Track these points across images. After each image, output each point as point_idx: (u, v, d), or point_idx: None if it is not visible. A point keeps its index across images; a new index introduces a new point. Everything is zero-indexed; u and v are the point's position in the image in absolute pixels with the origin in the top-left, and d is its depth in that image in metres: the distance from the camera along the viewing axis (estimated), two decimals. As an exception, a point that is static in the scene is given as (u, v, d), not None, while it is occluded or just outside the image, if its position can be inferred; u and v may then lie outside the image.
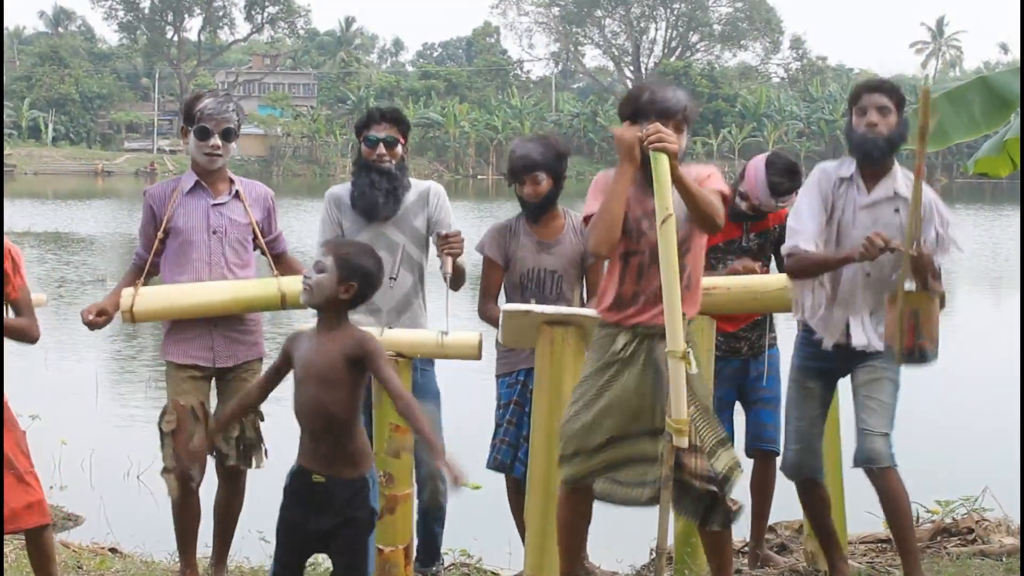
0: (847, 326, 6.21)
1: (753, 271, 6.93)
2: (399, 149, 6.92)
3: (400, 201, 6.90)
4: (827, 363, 6.31)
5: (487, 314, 7.00)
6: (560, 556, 6.05)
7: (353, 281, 5.19)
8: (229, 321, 6.65)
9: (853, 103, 6.20)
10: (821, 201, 6.23)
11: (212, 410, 6.63)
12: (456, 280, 6.85)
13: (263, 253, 6.93)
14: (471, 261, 6.97)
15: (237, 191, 6.77)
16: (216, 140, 6.65)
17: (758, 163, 7.12)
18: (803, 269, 6.25)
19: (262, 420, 6.66)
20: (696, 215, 5.57)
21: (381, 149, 6.87)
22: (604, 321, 5.81)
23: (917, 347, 5.85)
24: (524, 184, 6.92)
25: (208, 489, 6.77)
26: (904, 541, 6.18)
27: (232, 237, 6.71)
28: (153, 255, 6.75)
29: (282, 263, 6.99)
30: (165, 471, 6.63)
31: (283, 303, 6.63)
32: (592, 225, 5.70)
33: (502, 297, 7.08)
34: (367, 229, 6.86)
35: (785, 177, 7.05)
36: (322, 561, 7.15)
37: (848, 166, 6.23)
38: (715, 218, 5.58)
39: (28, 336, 5.92)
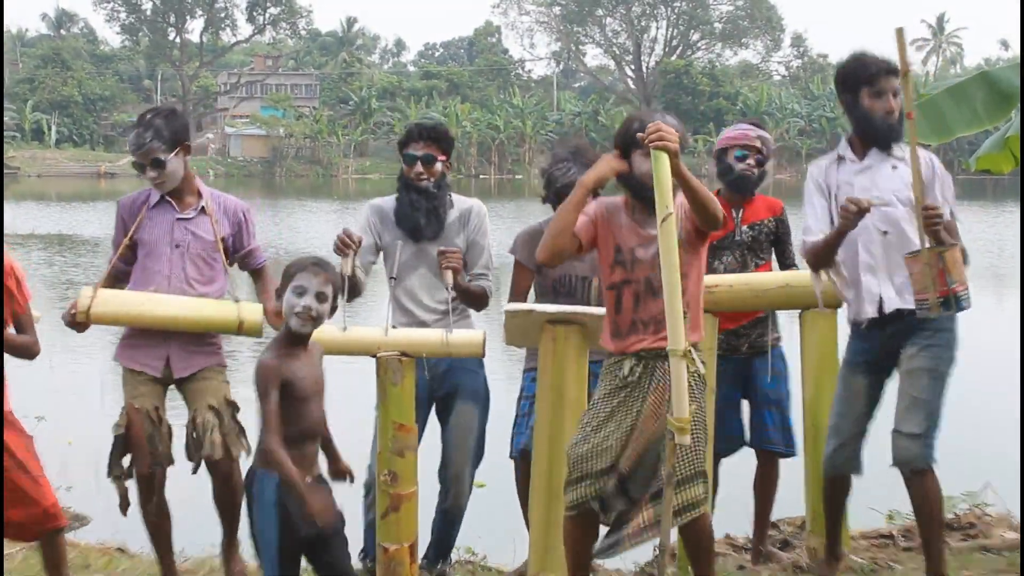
0: (880, 297, 6.17)
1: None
2: (438, 167, 6.93)
3: (442, 221, 6.92)
4: (871, 354, 6.23)
5: (509, 304, 7.03)
6: (570, 571, 6.06)
7: (336, 304, 5.36)
8: (184, 335, 6.59)
9: (867, 83, 6.16)
10: (819, 195, 6.26)
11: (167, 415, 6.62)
12: (476, 302, 6.93)
13: (240, 268, 6.90)
14: (504, 261, 7.02)
15: (203, 206, 6.71)
16: (150, 172, 6.59)
17: (718, 142, 7.27)
18: (816, 257, 6.27)
19: (237, 411, 6.63)
20: (698, 210, 5.59)
21: (419, 167, 6.89)
22: (610, 350, 5.83)
23: (952, 293, 5.85)
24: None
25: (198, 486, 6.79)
26: (929, 542, 6.15)
27: (194, 252, 6.65)
28: (124, 264, 6.75)
29: (260, 279, 6.94)
30: (115, 477, 6.62)
31: (239, 329, 6.54)
32: (544, 234, 5.81)
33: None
34: (410, 245, 6.89)
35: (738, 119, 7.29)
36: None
37: (838, 149, 6.24)
38: (717, 213, 5.61)
39: (30, 353, 5.98)
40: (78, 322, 6.54)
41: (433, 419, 7.04)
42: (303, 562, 5.32)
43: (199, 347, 6.62)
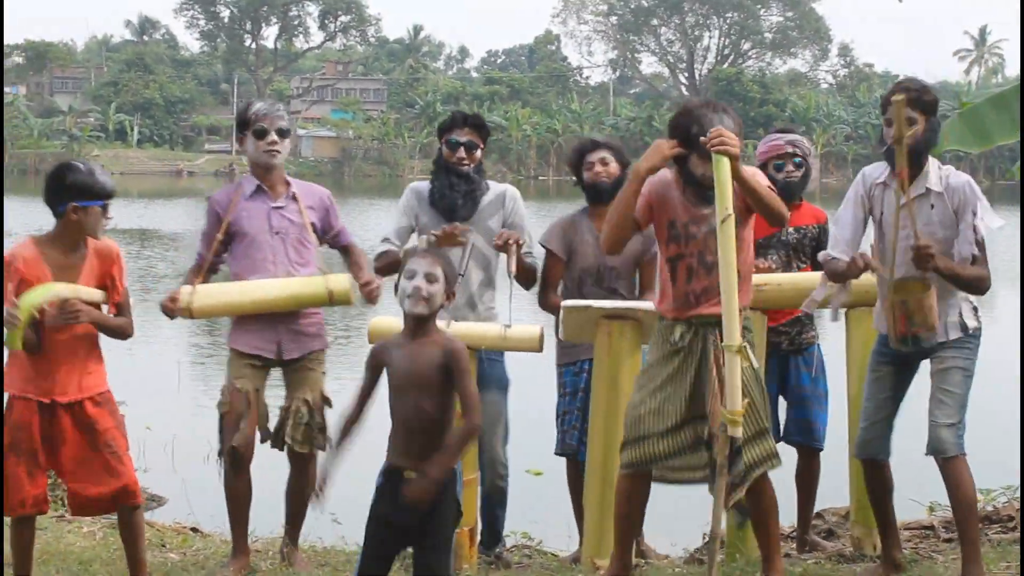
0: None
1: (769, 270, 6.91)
2: (478, 153, 7.00)
3: (477, 203, 6.96)
4: (897, 354, 6.20)
5: (547, 304, 7.04)
6: (615, 541, 6.05)
7: (454, 290, 5.17)
8: (291, 316, 6.66)
9: (883, 111, 6.14)
10: (858, 208, 6.23)
11: (266, 399, 6.71)
12: (528, 280, 6.94)
13: (331, 247, 6.95)
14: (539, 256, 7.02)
15: (294, 193, 6.80)
16: (273, 136, 6.72)
17: (757, 153, 7.19)
18: (830, 275, 6.28)
19: (330, 407, 6.68)
20: (763, 211, 5.61)
21: (461, 153, 6.94)
22: (663, 316, 5.83)
23: (911, 333, 5.94)
24: (592, 165, 6.98)
25: (271, 474, 6.80)
26: (964, 529, 6.12)
27: (292, 237, 6.73)
28: (218, 259, 6.83)
29: (350, 254, 6.98)
30: (219, 454, 6.70)
31: (330, 299, 6.61)
32: (605, 225, 5.88)
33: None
34: (444, 224, 6.88)
35: (770, 129, 7.42)
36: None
37: (885, 170, 6.19)
38: (781, 210, 5.69)
39: (123, 333, 6.06)
40: (177, 315, 6.67)
41: None
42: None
43: (305, 327, 6.70)
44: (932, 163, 6.15)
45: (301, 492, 6.71)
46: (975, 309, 6.18)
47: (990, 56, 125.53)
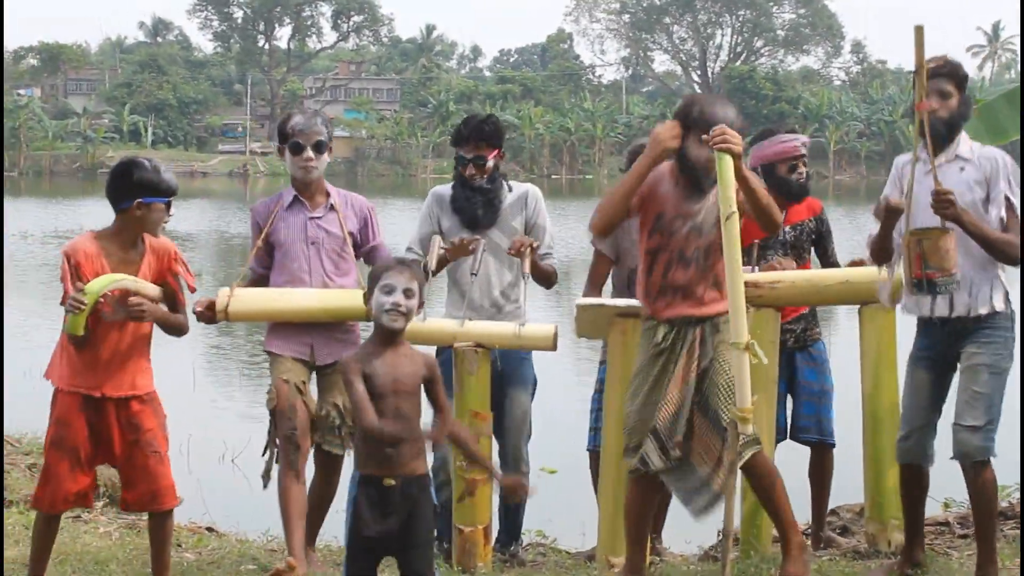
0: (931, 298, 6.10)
1: (791, 266, 6.91)
2: (489, 164, 6.97)
3: (497, 209, 6.96)
4: (934, 350, 6.17)
5: (581, 299, 7.01)
6: (627, 542, 6.06)
7: (424, 299, 5.26)
8: (326, 324, 6.67)
9: (915, 85, 6.11)
10: (892, 187, 6.23)
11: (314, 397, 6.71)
12: (546, 280, 6.96)
13: (366, 261, 6.91)
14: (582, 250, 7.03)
15: (332, 204, 6.80)
16: (309, 153, 6.72)
17: (758, 151, 7.16)
18: (873, 250, 6.28)
19: None
20: (759, 215, 5.63)
21: (471, 169, 6.94)
22: (645, 314, 5.90)
23: (925, 277, 5.85)
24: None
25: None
26: (983, 530, 6.11)
27: (328, 248, 6.73)
28: (263, 269, 6.85)
29: None
30: (264, 453, 6.71)
31: (368, 315, 6.59)
32: (598, 206, 5.92)
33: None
34: (466, 230, 6.92)
35: (774, 128, 7.26)
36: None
37: (918, 150, 6.17)
38: (777, 217, 5.75)
39: (183, 330, 6.15)
40: (214, 320, 6.69)
41: None
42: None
43: (339, 337, 6.69)
44: (964, 136, 6.15)
45: (325, 494, 6.72)
46: (1007, 293, 6.12)
47: (1003, 52, 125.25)
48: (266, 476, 6.73)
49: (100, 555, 6.84)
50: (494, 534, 6.89)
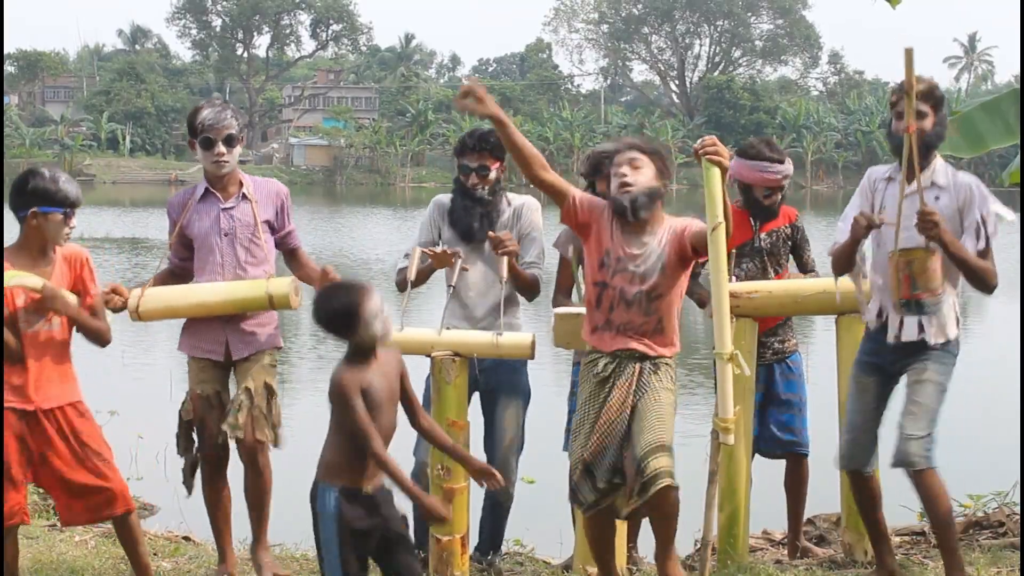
0: (900, 321, 6.14)
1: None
2: (492, 175, 6.98)
3: (494, 222, 6.96)
4: (880, 358, 6.24)
5: (558, 308, 7.00)
6: (597, 564, 6.07)
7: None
8: (237, 317, 6.64)
9: (892, 106, 6.14)
10: (864, 201, 6.25)
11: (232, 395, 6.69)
12: (528, 290, 6.96)
13: (278, 247, 6.91)
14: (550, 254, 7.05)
15: (244, 193, 6.77)
16: (220, 147, 6.68)
17: (739, 165, 7.09)
18: (836, 260, 6.31)
19: (273, 396, 6.64)
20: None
21: (474, 179, 6.95)
22: (589, 347, 5.87)
23: (913, 298, 5.89)
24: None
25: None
26: (943, 539, 6.14)
27: (243, 237, 6.71)
28: (180, 261, 6.86)
29: (294, 259, 6.95)
30: (184, 453, 6.78)
31: (271, 304, 6.58)
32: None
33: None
34: (464, 244, 6.93)
35: (762, 148, 7.15)
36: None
37: (890, 168, 6.21)
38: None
39: (103, 337, 6.06)
40: (122, 309, 6.63)
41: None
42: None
43: (254, 328, 6.68)
44: (939, 161, 6.18)
45: (259, 491, 6.66)
46: (958, 320, 6.18)
47: (980, 63, 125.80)
48: (188, 484, 6.81)
49: (76, 564, 6.82)
50: (471, 543, 6.88)
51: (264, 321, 6.71)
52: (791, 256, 7.32)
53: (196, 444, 6.73)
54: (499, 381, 6.93)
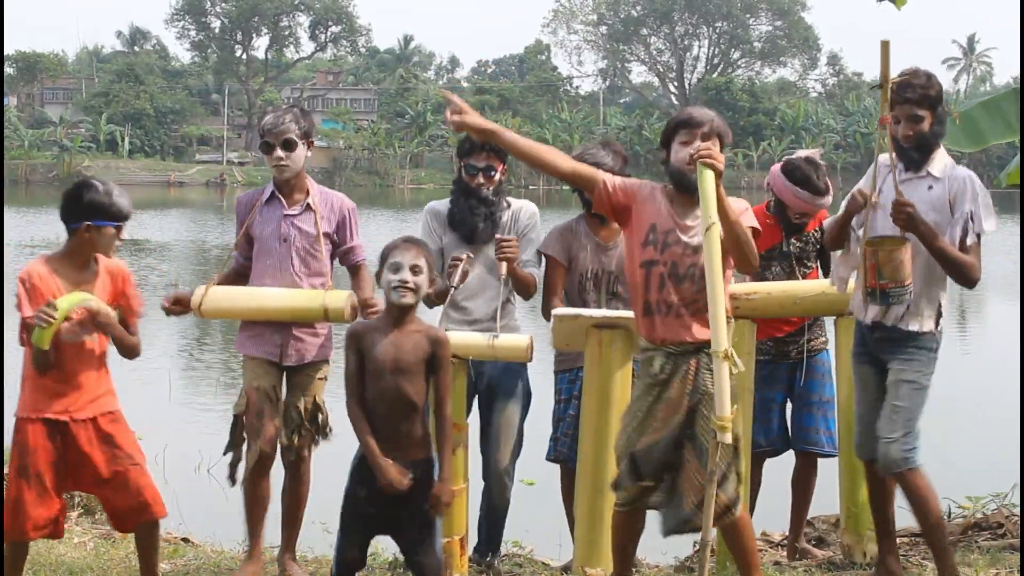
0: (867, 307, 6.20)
1: None
2: (497, 176, 6.97)
3: (498, 224, 6.97)
4: (867, 348, 6.27)
5: (549, 309, 7.00)
6: (614, 561, 6.06)
7: (435, 278, 5.36)
8: (294, 323, 6.69)
9: (891, 109, 6.14)
10: (866, 183, 6.28)
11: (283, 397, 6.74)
12: (524, 289, 6.95)
13: (341, 263, 6.92)
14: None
15: (309, 203, 6.79)
16: (279, 152, 6.71)
17: (780, 182, 7.06)
18: (830, 236, 6.41)
19: (320, 413, 6.72)
20: (735, 250, 5.55)
21: (480, 179, 6.94)
22: (643, 341, 5.82)
23: (879, 287, 5.91)
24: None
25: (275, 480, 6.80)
26: (932, 539, 6.16)
27: (300, 247, 6.73)
28: (246, 260, 6.92)
29: (356, 276, 6.94)
30: (232, 451, 6.76)
31: (326, 316, 6.60)
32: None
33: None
34: (466, 246, 6.92)
35: (811, 175, 7.03)
36: (381, 551, 7.16)
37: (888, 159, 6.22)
38: (753, 259, 5.67)
39: (136, 352, 6.12)
40: (183, 314, 6.81)
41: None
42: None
43: (309, 336, 6.72)
44: (941, 153, 6.19)
45: (297, 496, 6.73)
46: (940, 316, 6.19)
47: (978, 65, 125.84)
48: (232, 478, 6.81)
49: (75, 566, 6.81)
50: (470, 545, 6.87)
51: (318, 331, 6.75)
52: (818, 260, 7.30)
53: (246, 441, 6.69)
54: (498, 382, 6.94)
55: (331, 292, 6.66)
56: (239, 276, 6.96)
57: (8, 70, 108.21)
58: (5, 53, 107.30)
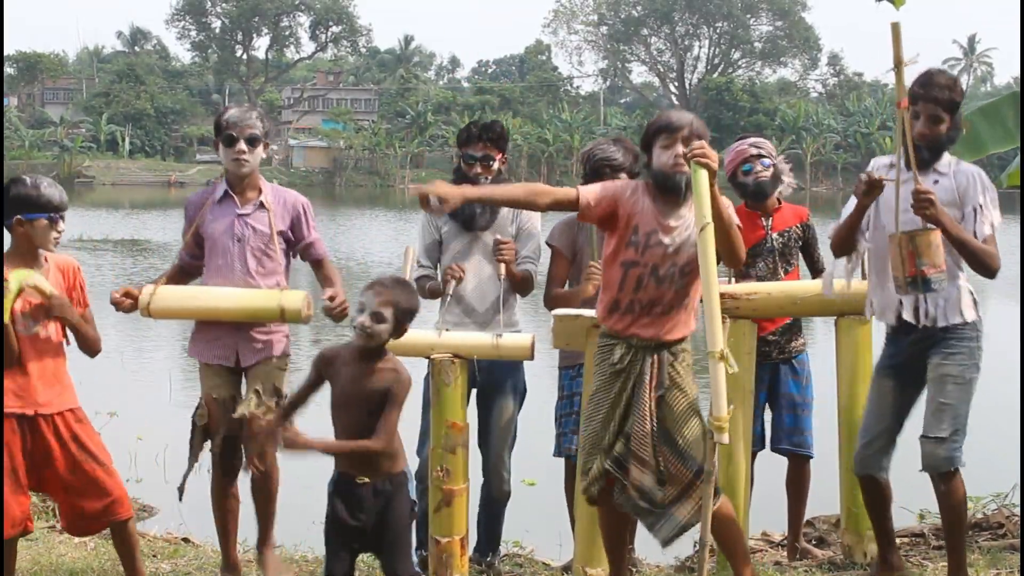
0: (899, 302, 6.13)
1: None
2: (495, 165, 7.01)
3: (496, 211, 6.99)
4: (898, 359, 6.21)
5: (552, 301, 6.99)
6: (608, 562, 6.08)
7: (407, 324, 5.36)
8: (248, 325, 6.61)
9: (912, 103, 6.09)
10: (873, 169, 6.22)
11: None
12: (521, 287, 6.96)
13: (303, 259, 6.87)
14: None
15: (262, 201, 6.72)
16: (242, 145, 6.63)
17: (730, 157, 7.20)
18: (838, 238, 6.29)
19: (282, 398, 6.58)
20: (723, 246, 5.54)
21: (478, 168, 6.96)
22: (603, 329, 5.82)
23: (920, 274, 5.83)
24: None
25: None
26: (953, 541, 6.13)
27: (254, 246, 6.65)
28: (192, 259, 6.83)
29: (320, 270, 6.86)
30: (191, 460, 6.74)
31: (282, 316, 6.52)
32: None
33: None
34: (464, 235, 6.97)
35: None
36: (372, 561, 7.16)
37: (893, 156, 6.17)
38: (740, 254, 5.70)
39: (96, 346, 6.10)
40: (132, 310, 6.60)
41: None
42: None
43: (263, 335, 6.64)
44: (948, 155, 6.18)
45: (264, 491, 6.64)
46: (975, 302, 6.15)
47: (979, 65, 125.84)
48: (181, 489, 6.76)
49: (75, 566, 6.82)
50: (471, 545, 6.88)
51: (274, 329, 6.68)
52: (801, 255, 7.32)
53: (208, 449, 6.68)
54: (495, 378, 6.94)
55: (287, 292, 6.57)
56: (185, 275, 6.87)
57: (8, 70, 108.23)
58: (5, 53, 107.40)
